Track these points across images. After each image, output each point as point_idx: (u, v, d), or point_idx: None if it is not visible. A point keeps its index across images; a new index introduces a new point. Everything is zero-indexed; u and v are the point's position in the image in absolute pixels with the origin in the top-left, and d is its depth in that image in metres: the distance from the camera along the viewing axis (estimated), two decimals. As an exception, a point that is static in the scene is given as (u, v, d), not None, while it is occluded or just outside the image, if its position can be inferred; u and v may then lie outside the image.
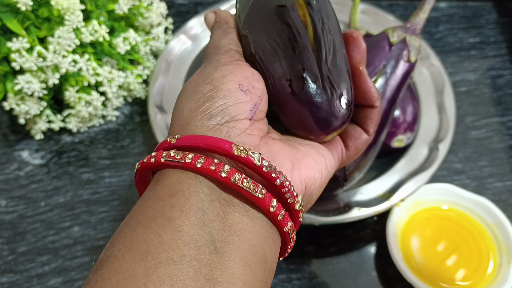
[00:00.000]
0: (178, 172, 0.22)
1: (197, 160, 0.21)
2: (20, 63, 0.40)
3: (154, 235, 0.20)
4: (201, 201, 0.21)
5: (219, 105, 0.23)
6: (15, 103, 0.43)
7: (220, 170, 0.21)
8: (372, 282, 0.40)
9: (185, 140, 0.22)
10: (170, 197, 0.21)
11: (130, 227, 0.21)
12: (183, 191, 0.21)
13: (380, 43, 0.37)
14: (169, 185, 0.22)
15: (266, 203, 0.22)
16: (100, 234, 0.42)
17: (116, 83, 0.45)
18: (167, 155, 0.22)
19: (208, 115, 0.23)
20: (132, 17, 0.48)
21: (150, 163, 0.23)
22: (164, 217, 0.20)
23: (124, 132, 0.48)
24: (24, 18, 0.41)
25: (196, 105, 0.23)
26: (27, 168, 0.45)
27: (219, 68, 0.25)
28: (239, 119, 0.23)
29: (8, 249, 0.41)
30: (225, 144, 0.22)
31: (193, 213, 0.20)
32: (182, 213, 0.20)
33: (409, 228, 0.41)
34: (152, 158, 0.23)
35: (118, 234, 0.21)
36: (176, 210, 0.20)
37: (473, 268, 0.40)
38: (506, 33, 0.57)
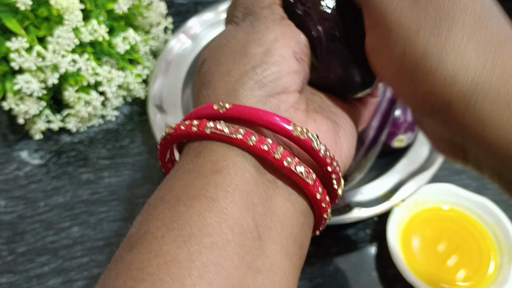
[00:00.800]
0: (223, 147, 0.20)
1: (249, 137, 0.19)
2: (19, 62, 0.40)
3: (197, 216, 0.18)
4: (247, 182, 0.19)
5: (272, 73, 0.21)
6: (14, 103, 0.43)
7: (274, 151, 0.19)
8: (373, 282, 0.40)
9: (238, 112, 0.20)
10: (213, 174, 0.19)
11: (168, 203, 0.19)
12: (229, 169, 0.19)
13: None
14: (213, 160, 0.20)
15: (314, 190, 0.20)
16: (99, 235, 0.42)
17: (116, 82, 0.45)
18: (213, 126, 0.20)
19: (260, 83, 0.21)
20: (132, 16, 0.48)
21: (190, 132, 0.20)
22: (208, 196, 0.19)
23: (124, 132, 0.48)
24: (23, 18, 0.41)
25: (246, 69, 0.21)
26: (26, 168, 0.45)
27: (271, 28, 0.22)
28: (290, 91, 0.21)
29: (7, 250, 0.41)
30: (285, 122, 0.20)
31: (238, 195, 0.19)
32: (227, 193, 0.19)
33: (409, 229, 0.41)
34: (193, 126, 0.20)
35: (154, 209, 0.19)
36: (220, 189, 0.19)
37: (473, 269, 0.40)
38: (507, 33, 0.57)
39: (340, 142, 0.23)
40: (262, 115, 0.20)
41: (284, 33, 0.22)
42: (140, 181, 0.45)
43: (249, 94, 0.21)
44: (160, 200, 0.19)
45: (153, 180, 0.45)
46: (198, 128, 0.20)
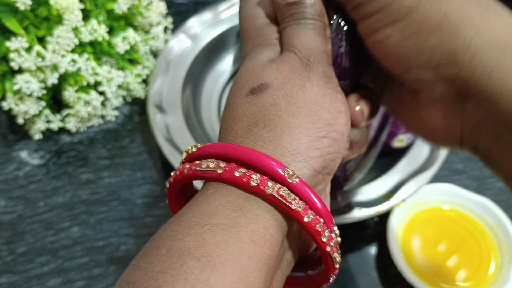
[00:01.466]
0: (268, 215, 0.20)
1: (307, 213, 0.20)
2: (19, 62, 0.40)
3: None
4: (275, 262, 0.20)
5: (331, 152, 0.21)
6: (13, 103, 0.43)
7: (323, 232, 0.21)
8: (373, 282, 0.40)
9: (300, 189, 0.20)
10: (251, 242, 0.19)
11: (199, 262, 0.18)
12: (266, 242, 0.19)
13: None
14: (254, 229, 0.19)
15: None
16: (99, 235, 0.42)
17: (116, 82, 0.45)
18: (275, 189, 0.19)
19: (323, 160, 0.21)
20: (132, 16, 0.48)
21: (259, 189, 0.20)
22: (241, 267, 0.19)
23: (124, 132, 0.48)
24: (23, 18, 0.41)
25: (314, 137, 0.21)
26: (26, 168, 0.45)
27: (337, 96, 0.22)
28: (331, 174, 0.22)
29: (7, 250, 0.41)
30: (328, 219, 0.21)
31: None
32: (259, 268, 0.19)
33: (410, 229, 0.41)
34: (252, 180, 0.20)
35: (180, 265, 0.18)
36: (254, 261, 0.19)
37: (474, 269, 0.40)
38: (507, 33, 0.57)
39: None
40: (321, 206, 0.20)
41: (344, 108, 0.22)
42: (140, 181, 0.45)
43: (312, 169, 0.21)
44: (187, 254, 0.18)
45: (153, 180, 0.45)
46: (258, 184, 0.19)
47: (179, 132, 0.44)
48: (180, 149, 0.43)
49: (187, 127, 0.45)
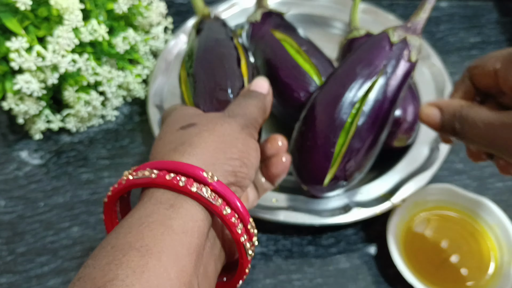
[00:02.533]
0: (196, 206, 0.26)
1: (225, 208, 0.26)
2: (19, 62, 0.40)
3: (163, 272, 0.22)
4: (201, 246, 0.25)
5: (241, 172, 0.28)
6: (14, 103, 0.43)
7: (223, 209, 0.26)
8: (373, 283, 0.40)
9: (220, 187, 0.26)
10: (183, 233, 0.24)
11: (139, 252, 0.22)
12: (193, 231, 0.25)
13: (380, 43, 0.37)
14: (184, 221, 0.25)
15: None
16: (99, 235, 0.42)
17: (116, 82, 0.45)
18: (199, 187, 0.25)
19: (235, 175, 0.28)
20: (132, 16, 0.48)
21: (175, 185, 0.25)
22: (172, 253, 0.23)
23: (124, 132, 0.48)
24: (23, 18, 0.41)
25: (227, 157, 0.28)
26: (26, 168, 0.45)
27: (249, 138, 0.30)
28: (243, 189, 0.30)
29: (7, 250, 0.41)
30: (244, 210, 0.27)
31: (195, 256, 0.24)
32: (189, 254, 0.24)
33: (410, 229, 0.41)
34: (180, 181, 0.25)
35: (122, 256, 0.22)
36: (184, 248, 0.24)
37: (474, 269, 0.40)
38: (507, 33, 0.57)
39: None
40: (234, 200, 0.26)
41: (255, 147, 0.30)
42: (140, 181, 0.45)
43: (226, 179, 0.27)
44: (128, 247, 0.22)
45: (153, 180, 0.45)
46: (186, 184, 0.24)
47: (179, 132, 0.44)
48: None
49: (187, 127, 0.45)
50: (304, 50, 0.43)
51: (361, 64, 0.36)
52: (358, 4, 0.51)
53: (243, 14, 0.52)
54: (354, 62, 0.37)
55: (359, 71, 0.36)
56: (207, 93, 0.35)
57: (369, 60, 0.36)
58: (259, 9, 0.49)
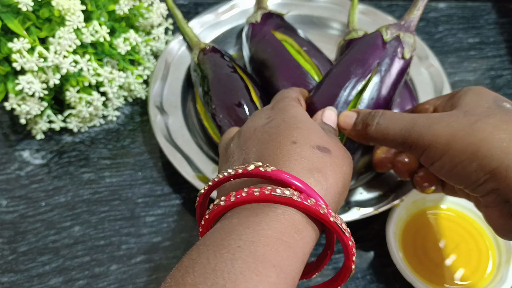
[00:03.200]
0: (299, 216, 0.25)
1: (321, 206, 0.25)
2: (21, 63, 0.40)
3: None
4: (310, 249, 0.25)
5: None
6: (16, 103, 0.43)
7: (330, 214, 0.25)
8: (372, 281, 0.40)
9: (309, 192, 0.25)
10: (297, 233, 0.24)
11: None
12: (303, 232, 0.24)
13: (373, 41, 0.37)
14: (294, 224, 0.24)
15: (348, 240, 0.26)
16: (100, 234, 0.42)
17: (117, 83, 0.46)
18: (305, 198, 0.24)
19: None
20: (133, 17, 0.48)
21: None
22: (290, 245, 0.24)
23: (125, 132, 0.48)
24: (25, 19, 0.42)
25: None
26: (28, 168, 0.46)
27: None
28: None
29: (9, 249, 0.41)
30: (333, 219, 0.25)
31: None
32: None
33: (408, 228, 0.42)
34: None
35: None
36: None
37: (472, 268, 0.40)
38: (506, 34, 0.57)
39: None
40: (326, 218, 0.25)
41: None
42: (141, 180, 0.45)
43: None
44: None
45: (154, 180, 0.45)
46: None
47: (180, 133, 0.45)
48: (181, 149, 0.43)
49: (187, 127, 0.45)
50: (305, 50, 0.44)
51: (355, 63, 0.36)
52: (356, 5, 0.52)
53: (243, 16, 0.52)
54: (348, 62, 0.37)
55: (353, 70, 0.36)
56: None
57: (363, 59, 0.36)
58: (259, 10, 0.49)
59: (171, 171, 0.45)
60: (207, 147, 0.45)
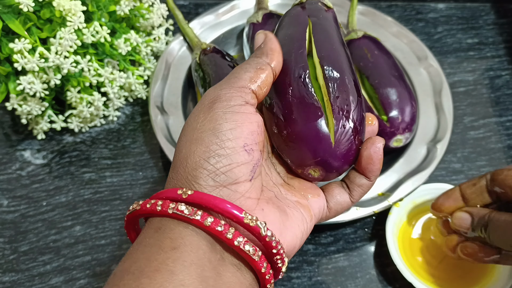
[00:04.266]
0: (181, 226, 0.23)
1: (206, 219, 0.23)
2: (22, 63, 0.40)
3: (159, 287, 0.21)
4: (200, 258, 0.23)
5: (223, 166, 0.24)
6: (17, 104, 0.43)
7: (226, 231, 0.23)
8: (371, 281, 0.41)
9: (197, 198, 0.23)
10: (172, 250, 0.22)
11: (133, 275, 0.22)
12: (185, 246, 0.23)
13: (294, 12, 0.34)
14: (171, 238, 0.23)
15: (259, 265, 0.24)
16: (101, 234, 0.42)
17: (118, 83, 0.46)
18: (175, 207, 0.23)
19: (213, 174, 0.24)
20: (133, 18, 0.49)
21: (154, 210, 0.24)
22: (168, 270, 0.22)
23: (125, 132, 0.49)
24: (26, 19, 0.42)
25: (201, 159, 0.24)
26: (29, 167, 0.46)
27: (228, 116, 0.25)
28: (240, 181, 0.24)
29: (10, 248, 0.41)
30: (238, 211, 0.23)
31: (193, 269, 0.22)
32: (184, 267, 0.22)
33: (407, 228, 0.42)
34: (157, 206, 0.24)
35: (119, 281, 0.22)
36: (178, 264, 0.22)
37: (471, 268, 0.40)
38: (505, 34, 0.58)
39: (285, 232, 0.26)
40: (218, 203, 0.23)
41: (239, 123, 0.25)
42: (141, 180, 0.46)
43: (204, 183, 0.24)
44: (125, 272, 0.22)
45: (154, 180, 0.46)
46: (162, 208, 0.24)
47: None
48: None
49: (188, 127, 0.45)
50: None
51: (290, 31, 0.32)
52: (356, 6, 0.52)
53: (244, 16, 0.52)
54: (284, 36, 0.32)
55: (292, 35, 0.32)
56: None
57: (295, 24, 0.32)
58: (259, 11, 0.49)
59: (171, 171, 0.46)
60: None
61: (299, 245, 0.27)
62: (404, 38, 0.51)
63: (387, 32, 0.52)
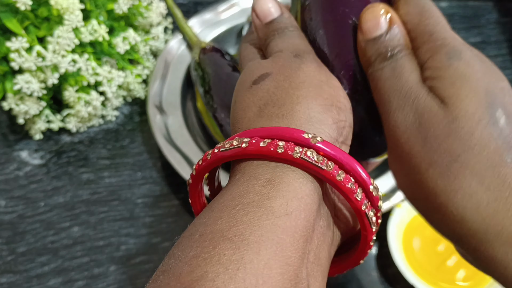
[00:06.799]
0: (300, 183, 0.19)
1: (338, 173, 0.19)
2: (19, 62, 0.40)
3: (263, 266, 0.17)
4: (309, 228, 0.19)
5: (343, 120, 0.22)
6: (14, 103, 0.43)
7: (355, 192, 0.20)
8: (373, 282, 0.40)
9: (330, 148, 0.20)
10: (285, 215, 0.18)
11: (232, 243, 0.18)
12: (300, 213, 0.19)
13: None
14: (287, 198, 0.19)
15: (371, 234, 0.22)
16: (99, 234, 0.42)
17: (116, 83, 0.45)
18: (303, 151, 0.19)
19: (336, 125, 0.21)
20: (132, 16, 0.48)
21: (270, 152, 0.19)
22: (276, 242, 0.18)
23: (124, 132, 0.48)
24: (23, 18, 0.41)
25: (326, 105, 0.22)
26: (27, 168, 0.45)
27: (330, 75, 0.23)
28: (347, 144, 0.23)
29: (8, 250, 0.41)
30: (367, 177, 0.21)
31: (301, 243, 0.19)
32: (293, 240, 0.19)
33: (409, 229, 0.41)
34: (278, 147, 0.19)
35: (213, 248, 0.18)
36: (288, 235, 0.18)
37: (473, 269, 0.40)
38: (507, 33, 0.57)
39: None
40: (350, 162, 0.20)
41: (339, 85, 0.23)
42: (140, 181, 0.45)
43: (329, 132, 0.21)
44: (220, 236, 0.18)
45: (153, 180, 0.45)
46: (285, 149, 0.19)
47: (179, 133, 0.44)
48: (180, 149, 0.43)
49: (186, 127, 0.45)
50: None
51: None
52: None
53: (243, 14, 0.52)
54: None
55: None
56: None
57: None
58: (259, 9, 0.49)
59: (170, 171, 0.45)
60: (207, 147, 0.45)
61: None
62: (405, 37, 0.51)
63: (388, 31, 0.51)
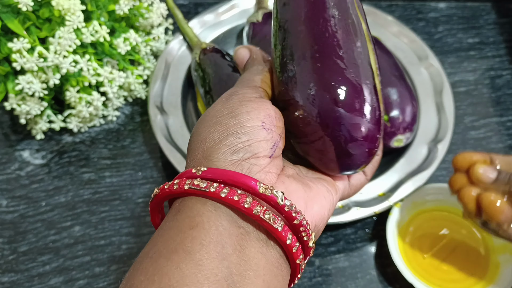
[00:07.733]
0: (198, 204, 0.23)
1: (222, 190, 0.22)
2: (21, 63, 0.40)
3: (175, 268, 0.20)
4: (220, 234, 0.22)
5: (242, 141, 0.24)
6: (16, 103, 0.43)
7: (243, 201, 0.22)
8: (372, 281, 0.41)
9: (211, 173, 0.23)
10: (190, 229, 0.22)
11: (151, 258, 0.21)
12: (203, 224, 0.22)
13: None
14: (190, 216, 0.22)
15: (284, 236, 0.23)
16: (100, 234, 0.42)
17: (117, 83, 0.46)
18: (191, 183, 0.23)
19: (231, 149, 0.24)
20: (133, 17, 0.48)
21: (172, 190, 0.23)
22: (185, 250, 0.21)
23: (125, 132, 0.49)
24: (25, 19, 0.42)
25: (220, 138, 0.24)
26: (28, 168, 0.46)
27: (245, 103, 0.25)
28: (259, 156, 0.24)
29: (9, 249, 0.41)
30: (251, 181, 0.22)
31: (212, 247, 0.21)
32: (202, 246, 0.21)
33: (408, 228, 0.42)
34: (174, 185, 0.23)
35: (139, 265, 0.22)
36: (196, 243, 0.21)
37: (472, 268, 0.40)
38: (505, 34, 0.57)
39: (310, 202, 0.25)
40: (232, 176, 0.22)
41: (256, 107, 0.25)
42: (141, 180, 0.45)
43: (222, 158, 0.24)
44: (144, 257, 0.22)
45: (154, 180, 0.45)
46: (179, 185, 0.23)
47: (180, 133, 0.45)
48: (181, 149, 0.43)
49: (187, 127, 0.45)
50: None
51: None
52: (357, 5, 0.52)
53: (243, 15, 0.52)
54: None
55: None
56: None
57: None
58: (259, 10, 0.49)
59: (171, 171, 0.45)
60: (207, 147, 0.45)
61: (328, 215, 0.26)
62: (404, 38, 0.51)
63: (387, 32, 0.52)
